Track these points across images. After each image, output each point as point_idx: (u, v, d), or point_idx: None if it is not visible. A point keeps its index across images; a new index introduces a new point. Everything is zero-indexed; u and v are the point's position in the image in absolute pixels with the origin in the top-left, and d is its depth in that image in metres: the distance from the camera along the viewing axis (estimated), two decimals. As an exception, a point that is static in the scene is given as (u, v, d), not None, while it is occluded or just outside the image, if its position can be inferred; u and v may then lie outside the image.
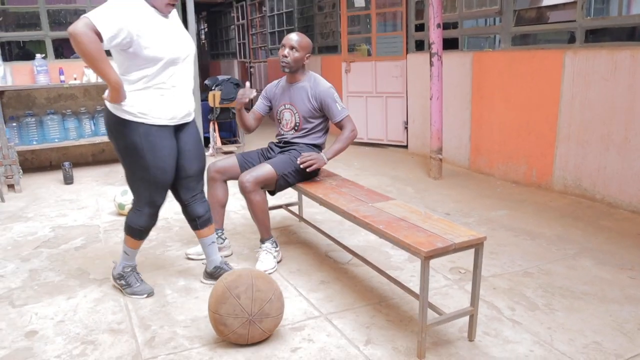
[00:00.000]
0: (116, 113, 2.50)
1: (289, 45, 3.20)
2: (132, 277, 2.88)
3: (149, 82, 2.47)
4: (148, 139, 2.53)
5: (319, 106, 3.25)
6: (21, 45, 8.22)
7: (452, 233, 2.26)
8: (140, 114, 2.49)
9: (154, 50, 2.41)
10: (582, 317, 2.54)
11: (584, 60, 4.21)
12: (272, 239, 3.22)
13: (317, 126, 3.33)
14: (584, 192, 4.36)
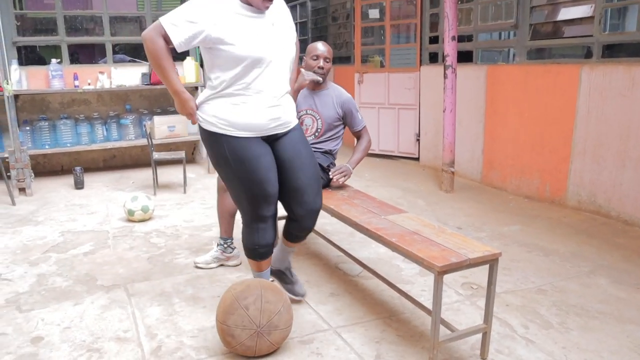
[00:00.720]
0: (202, 125, 2.36)
1: (323, 56, 3.23)
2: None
3: (231, 86, 2.27)
4: (235, 152, 2.32)
5: (343, 114, 3.31)
6: (36, 49, 8.30)
7: (466, 248, 2.22)
8: (222, 124, 2.30)
9: (234, 48, 2.20)
10: (598, 337, 2.48)
11: (600, 75, 4.15)
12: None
13: (336, 133, 3.36)
14: (598, 209, 4.29)
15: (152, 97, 6.71)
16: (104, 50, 6.46)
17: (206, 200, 4.94)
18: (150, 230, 4.11)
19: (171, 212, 4.61)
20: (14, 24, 5.97)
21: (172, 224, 4.27)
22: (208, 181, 5.73)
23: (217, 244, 3.33)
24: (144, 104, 6.66)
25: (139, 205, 4.26)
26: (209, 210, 4.59)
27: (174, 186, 5.57)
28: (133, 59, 6.70)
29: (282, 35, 2.37)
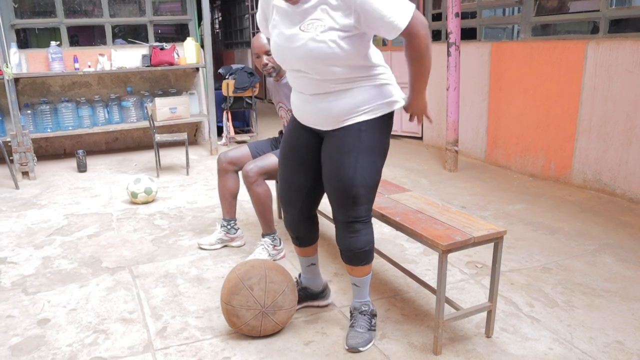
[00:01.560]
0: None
1: (264, 51, 2.99)
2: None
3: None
4: (287, 128, 2.29)
5: None
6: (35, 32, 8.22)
7: (471, 226, 2.20)
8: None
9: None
10: (603, 315, 2.47)
11: (607, 51, 4.09)
12: (273, 235, 3.14)
13: None
14: (604, 187, 4.26)
15: (153, 79, 6.66)
16: (103, 32, 6.40)
17: (209, 182, 4.93)
18: (154, 212, 4.11)
19: (174, 194, 4.61)
20: (12, 7, 5.91)
21: (176, 205, 4.27)
22: (210, 163, 5.71)
23: (221, 225, 3.33)
24: (145, 86, 6.62)
25: (142, 188, 4.25)
26: (212, 191, 4.58)
27: (176, 168, 5.56)
28: (132, 40, 6.62)
29: (305, 36, 1.91)
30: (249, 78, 6.74)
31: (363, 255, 2.16)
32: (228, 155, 3.24)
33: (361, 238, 2.12)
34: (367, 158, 2.04)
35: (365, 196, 2.07)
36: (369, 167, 2.05)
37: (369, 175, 2.06)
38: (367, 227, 2.13)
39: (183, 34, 6.96)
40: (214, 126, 6.22)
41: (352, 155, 2.03)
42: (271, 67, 3.07)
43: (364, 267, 2.21)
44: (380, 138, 2.09)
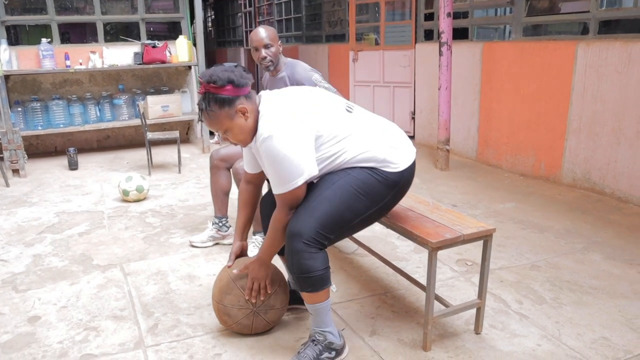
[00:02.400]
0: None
1: (263, 44, 3.02)
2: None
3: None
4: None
5: None
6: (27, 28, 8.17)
7: (461, 224, 2.22)
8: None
9: None
10: (591, 312, 2.51)
11: (597, 51, 4.13)
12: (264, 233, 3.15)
13: None
14: (593, 186, 4.30)
15: (145, 77, 6.65)
16: (95, 30, 6.38)
17: (201, 180, 4.93)
18: (146, 210, 4.11)
19: (166, 192, 4.60)
20: (2, 3, 5.87)
21: (167, 203, 4.27)
22: (202, 161, 5.71)
23: (212, 222, 3.33)
24: (137, 84, 6.60)
25: (134, 186, 4.24)
26: (203, 189, 4.59)
27: (168, 166, 5.55)
28: (124, 38, 6.60)
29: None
30: (241, 76, 6.72)
31: (304, 282, 1.98)
32: (220, 152, 3.25)
33: (302, 261, 1.94)
34: (346, 186, 2.01)
35: (323, 218, 1.95)
36: (343, 194, 2.00)
37: (339, 200, 1.99)
38: (312, 251, 1.94)
39: (175, 32, 6.95)
40: (206, 124, 6.20)
41: (332, 179, 2.04)
42: (269, 61, 3.08)
43: (310, 294, 2.01)
44: (370, 182, 2.04)
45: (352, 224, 2.06)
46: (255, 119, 2.03)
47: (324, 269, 1.98)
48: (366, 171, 2.05)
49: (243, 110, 1.99)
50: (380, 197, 2.07)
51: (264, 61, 3.06)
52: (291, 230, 1.96)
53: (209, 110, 1.97)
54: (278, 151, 1.90)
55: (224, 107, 1.97)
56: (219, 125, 2.01)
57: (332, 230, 1.98)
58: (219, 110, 1.97)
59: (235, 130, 2.01)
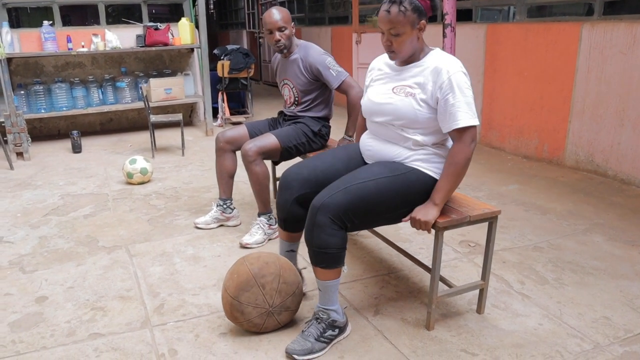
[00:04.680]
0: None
1: (277, 27, 3.03)
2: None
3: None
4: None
5: (314, 77, 3.14)
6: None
7: (466, 206, 2.23)
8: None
9: None
10: (592, 292, 2.53)
11: (601, 33, 4.10)
12: (269, 215, 3.16)
13: (317, 98, 3.23)
14: (596, 168, 4.30)
15: (147, 60, 6.63)
16: (97, 12, 6.34)
17: (205, 163, 4.95)
18: (150, 192, 4.13)
19: (170, 174, 4.62)
20: (4, -15, 5.84)
21: (172, 186, 4.29)
22: (206, 143, 5.72)
23: (217, 204, 3.35)
24: (140, 67, 6.59)
25: (138, 168, 4.26)
26: (207, 172, 4.60)
27: (172, 149, 5.56)
28: (126, 20, 6.57)
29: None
30: (244, 59, 6.71)
31: (319, 256, 2.00)
32: (226, 134, 3.25)
33: (323, 236, 1.96)
34: (389, 183, 2.06)
35: (355, 201, 1.98)
36: (382, 188, 2.05)
37: (376, 191, 2.04)
38: (334, 228, 1.97)
39: (177, 14, 6.91)
40: (209, 107, 6.21)
41: (381, 172, 2.10)
42: (283, 44, 3.08)
43: (322, 270, 2.03)
44: (413, 185, 2.11)
45: (380, 218, 2.12)
46: (421, 47, 2.15)
47: (341, 247, 2.01)
48: (422, 174, 2.14)
49: (422, 27, 2.09)
50: (417, 201, 2.14)
51: (278, 44, 3.08)
52: (321, 202, 1.97)
53: (401, 6, 2.04)
54: (468, 87, 2.04)
55: (415, 13, 2.04)
56: (397, 24, 2.06)
57: (358, 216, 2.02)
58: (410, 12, 2.04)
59: (406, 38, 2.08)
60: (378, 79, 2.30)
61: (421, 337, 2.18)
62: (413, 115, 2.10)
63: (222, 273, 2.76)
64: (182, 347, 2.14)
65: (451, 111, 2.03)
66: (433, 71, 2.07)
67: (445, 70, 2.03)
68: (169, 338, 2.21)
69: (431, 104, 2.08)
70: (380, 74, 2.30)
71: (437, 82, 2.06)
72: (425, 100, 2.09)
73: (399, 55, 2.14)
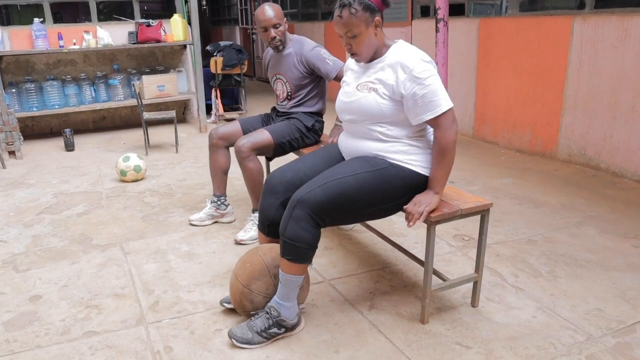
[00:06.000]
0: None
1: (272, 24, 3.02)
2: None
3: None
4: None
5: (309, 70, 3.14)
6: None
7: (458, 199, 2.24)
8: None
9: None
10: (585, 285, 2.54)
11: (593, 26, 4.12)
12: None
13: (311, 92, 3.22)
14: (588, 161, 4.32)
15: (140, 57, 6.60)
16: (88, 9, 6.30)
17: (198, 159, 4.94)
18: (144, 190, 4.12)
19: (164, 171, 4.61)
20: (-6, -18, 5.79)
21: (165, 183, 4.28)
22: (200, 140, 5.70)
23: (211, 201, 3.35)
24: (132, 64, 6.56)
25: (131, 165, 4.25)
26: (201, 169, 4.59)
27: (165, 146, 5.55)
28: (118, 17, 6.54)
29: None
30: (237, 55, 6.69)
31: (288, 248, 2.02)
32: (219, 131, 3.25)
33: (297, 228, 1.98)
34: (368, 178, 2.08)
35: (333, 196, 2.01)
36: (361, 183, 2.07)
37: (355, 186, 2.06)
38: (309, 223, 2.00)
39: (170, 10, 6.88)
40: (202, 104, 6.19)
41: (360, 167, 2.12)
42: (279, 40, 3.07)
43: (287, 262, 2.03)
44: (392, 180, 2.12)
45: (358, 214, 2.15)
46: (382, 43, 2.16)
47: (311, 245, 2.04)
48: (401, 168, 2.14)
49: (378, 23, 2.10)
50: (398, 195, 2.15)
51: (274, 41, 3.08)
52: (300, 196, 2.00)
53: (351, 8, 2.04)
54: (431, 74, 2.03)
55: (366, 11, 2.05)
56: (351, 27, 2.07)
57: (337, 212, 2.05)
58: (361, 12, 2.05)
59: (363, 38, 2.09)
60: (350, 77, 2.33)
61: (416, 331, 2.19)
62: (378, 109, 2.12)
63: (216, 270, 2.77)
64: (177, 344, 2.14)
65: (422, 103, 2.04)
66: (393, 66, 2.09)
67: (404, 65, 2.05)
68: (164, 335, 2.21)
69: (395, 97, 2.09)
70: (351, 73, 2.33)
71: (398, 77, 2.07)
72: (388, 95, 2.10)
73: (361, 56, 2.17)
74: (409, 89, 2.04)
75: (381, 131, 2.17)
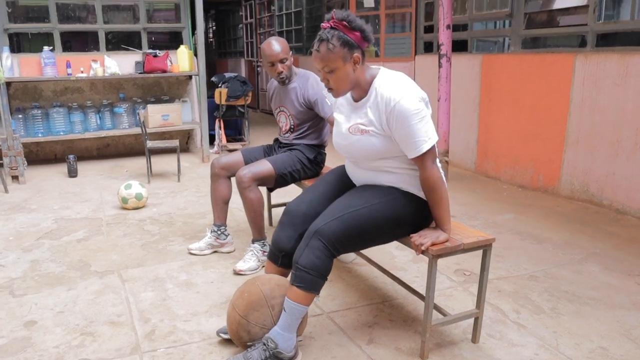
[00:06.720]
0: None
1: (278, 59, 3.05)
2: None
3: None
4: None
5: (309, 106, 3.15)
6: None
7: (461, 234, 2.23)
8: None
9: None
10: (589, 322, 2.50)
11: (594, 64, 4.16)
12: (263, 241, 3.14)
13: (313, 126, 3.24)
14: (591, 198, 4.31)
15: (145, 86, 6.68)
16: (97, 38, 6.42)
17: (200, 189, 4.94)
18: (144, 217, 4.10)
19: (165, 200, 4.61)
20: (6, 11, 5.91)
21: (166, 211, 4.27)
22: (202, 170, 5.71)
23: (211, 230, 3.33)
24: (138, 93, 6.63)
25: (133, 193, 4.25)
26: (203, 198, 4.59)
27: (168, 175, 5.56)
28: (126, 47, 6.64)
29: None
30: (241, 87, 6.76)
31: (300, 275, 2.02)
32: (221, 160, 3.25)
33: (312, 257, 2.00)
34: (381, 208, 2.11)
35: (349, 229, 2.05)
36: (375, 213, 2.10)
37: (370, 217, 2.09)
38: (324, 253, 2.02)
39: (177, 41, 6.99)
40: (206, 134, 6.23)
41: (374, 197, 2.14)
42: (285, 75, 3.10)
43: (297, 290, 2.02)
44: (404, 209, 2.15)
45: (371, 241, 2.19)
46: (363, 79, 2.13)
47: (323, 275, 2.05)
48: (413, 197, 2.18)
49: (357, 60, 2.08)
50: (410, 222, 2.19)
51: (280, 75, 3.10)
52: (318, 227, 2.04)
53: (329, 43, 2.04)
54: (413, 111, 2.00)
55: (344, 47, 2.04)
56: (328, 62, 2.06)
57: (351, 241, 2.09)
58: (339, 48, 2.04)
59: (340, 73, 2.07)
60: (339, 112, 2.33)
61: (415, 367, 2.15)
62: (374, 150, 2.14)
63: (214, 300, 2.73)
64: (171, 375, 2.10)
65: (404, 141, 2.05)
66: (377, 104, 2.09)
67: (386, 102, 2.04)
68: (158, 365, 2.17)
69: (386, 134, 2.10)
70: (342, 108, 2.31)
71: (382, 115, 2.07)
72: (379, 133, 2.11)
73: (338, 92, 2.15)
74: (393, 127, 2.05)
75: (385, 165, 2.19)
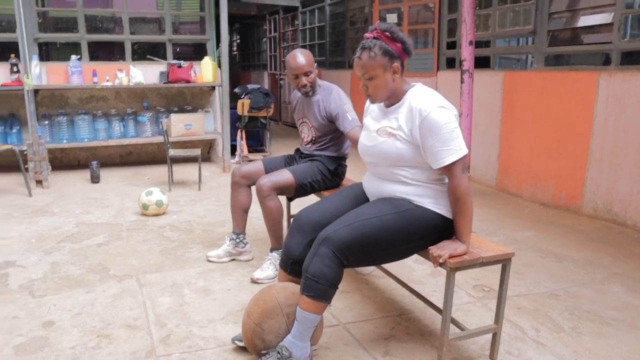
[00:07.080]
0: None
1: (303, 72, 3.06)
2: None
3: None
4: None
5: (331, 119, 3.15)
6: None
7: (480, 247, 2.20)
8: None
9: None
10: (610, 343, 2.44)
11: (619, 82, 4.11)
12: (281, 250, 3.15)
13: (335, 138, 3.24)
14: (614, 217, 4.23)
15: (169, 96, 6.78)
16: (123, 49, 6.55)
17: (220, 198, 4.97)
18: (164, 224, 4.14)
19: (185, 208, 4.64)
20: (36, 21, 6.08)
21: (186, 219, 4.30)
22: (223, 179, 5.76)
23: (230, 238, 3.35)
24: (162, 102, 6.73)
25: (154, 200, 4.29)
26: (223, 207, 4.62)
27: (188, 183, 5.61)
28: (151, 57, 6.76)
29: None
30: (264, 98, 6.83)
31: (309, 284, 2.01)
32: (242, 169, 3.28)
33: (320, 265, 1.99)
34: (393, 220, 2.10)
35: (359, 237, 2.03)
36: (386, 224, 2.09)
37: (380, 227, 2.07)
38: (333, 261, 2.01)
39: (201, 53, 7.10)
40: (227, 144, 6.29)
41: (386, 208, 2.14)
42: (309, 87, 3.12)
43: (307, 299, 2.02)
44: (417, 222, 2.14)
45: (382, 254, 2.16)
46: (400, 88, 2.19)
47: (333, 284, 2.03)
48: (426, 210, 2.16)
49: (396, 70, 2.15)
50: (422, 237, 2.16)
51: (304, 88, 3.12)
52: (327, 235, 2.03)
53: (371, 51, 2.11)
54: (445, 122, 2.06)
55: (385, 56, 2.11)
56: (369, 69, 2.13)
57: (361, 252, 2.06)
58: (380, 57, 2.11)
59: (379, 81, 2.14)
60: (369, 117, 2.39)
61: (431, 381, 2.12)
62: (398, 154, 2.16)
63: (231, 307, 2.74)
64: (186, 379, 2.10)
65: (433, 151, 2.08)
66: (409, 112, 2.13)
67: (419, 111, 2.08)
68: (173, 369, 2.17)
69: (413, 142, 2.13)
70: (372, 114, 2.38)
71: (414, 123, 2.11)
72: (406, 139, 2.14)
73: (375, 98, 2.22)
74: (423, 136, 2.08)
75: (404, 174, 2.20)
